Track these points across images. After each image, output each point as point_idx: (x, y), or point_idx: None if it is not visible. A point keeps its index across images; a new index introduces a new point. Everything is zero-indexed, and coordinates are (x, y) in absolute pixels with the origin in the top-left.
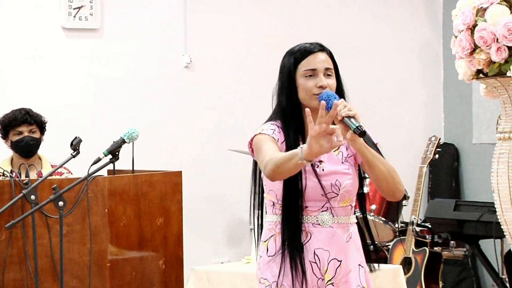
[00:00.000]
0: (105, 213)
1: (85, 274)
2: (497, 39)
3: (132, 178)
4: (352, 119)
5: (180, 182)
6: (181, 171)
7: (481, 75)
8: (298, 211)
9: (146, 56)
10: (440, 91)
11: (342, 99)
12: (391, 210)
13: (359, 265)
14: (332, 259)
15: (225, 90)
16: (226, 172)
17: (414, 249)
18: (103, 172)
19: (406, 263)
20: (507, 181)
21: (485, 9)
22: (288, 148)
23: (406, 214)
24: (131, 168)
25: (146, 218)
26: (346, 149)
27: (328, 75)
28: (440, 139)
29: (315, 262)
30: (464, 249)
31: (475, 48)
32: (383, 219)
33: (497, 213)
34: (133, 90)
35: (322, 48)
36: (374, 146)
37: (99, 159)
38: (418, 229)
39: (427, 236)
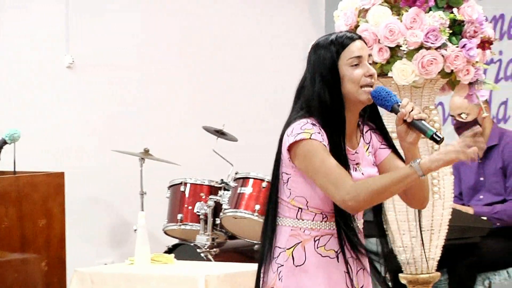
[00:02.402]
0: None
1: None
2: (379, 40)
3: (14, 179)
4: (425, 123)
5: (62, 183)
6: (63, 172)
7: None
8: (351, 217)
9: (27, 56)
10: None
11: (406, 98)
12: None
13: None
14: (360, 268)
15: (109, 90)
16: (110, 173)
17: None
18: None
19: None
20: None
21: (367, 10)
22: (332, 151)
23: None
24: (12, 169)
25: (28, 220)
26: (372, 148)
27: (370, 63)
28: None
29: (348, 273)
30: None
31: None
32: None
33: None
34: (14, 90)
35: (359, 36)
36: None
37: None
38: None
39: None
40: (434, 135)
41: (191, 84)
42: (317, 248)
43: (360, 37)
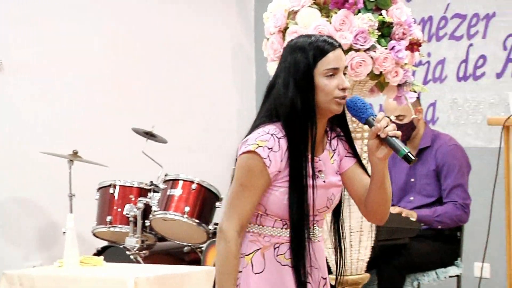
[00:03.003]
0: None
1: None
2: None
3: None
4: (399, 141)
5: None
6: None
7: None
8: (305, 229)
9: None
10: (253, 93)
11: (382, 112)
12: (204, 212)
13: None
14: (321, 277)
15: (37, 92)
16: (38, 175)
17: None
18: None
19: None
20: None
21: (296, 12)
22: (291, 159)
23: (219, 216)
24: None
25: None
26: (338, 156)
27: (344, 74)
28: None
29: (310, 283)
30: None
31: None
32: (196, 221)
33: None
34: None
35: (339, 44)
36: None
37: None
38: None
39: None
40: (407, 155)
41: (120, 86)
42: (277, 256)
43: (340, 45)
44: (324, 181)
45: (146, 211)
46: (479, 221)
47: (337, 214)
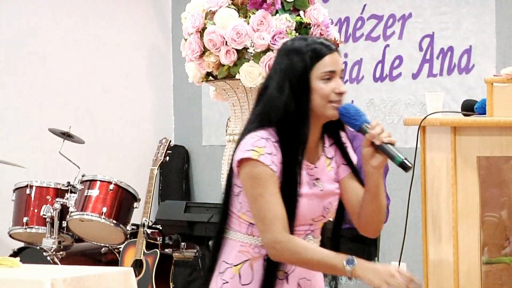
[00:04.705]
0: None
1: None
2: (226, 42)
3: None
4: (394, 148)
5: None
6: None
7: (210, 77)
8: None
9: None
10: (170, 93)
11: (376, 120)
12: (122, 212)
13: None
14: None
15: None
16: None
17: (145, 251)
18: None
19: (137, 265)
20: None
21: (214, 13)
22: (284, 169)
23: (137, 217)
24: None
25: None
26: (335, 163)
27: (341, 78)
28: (170, 141)
29: None
30: (195, 250)
31: (204, 51)
32: (114, 221)
33: None
34: None
35: (336, 48)
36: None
37: None
38: (149, 231)
39: (158, 238)
40: (403, 162)
41: (37, 86)
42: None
43: (336, 49)
44: (321, 190)
45: (63, 212)
46: (395, 221)
47: (338, 221)
